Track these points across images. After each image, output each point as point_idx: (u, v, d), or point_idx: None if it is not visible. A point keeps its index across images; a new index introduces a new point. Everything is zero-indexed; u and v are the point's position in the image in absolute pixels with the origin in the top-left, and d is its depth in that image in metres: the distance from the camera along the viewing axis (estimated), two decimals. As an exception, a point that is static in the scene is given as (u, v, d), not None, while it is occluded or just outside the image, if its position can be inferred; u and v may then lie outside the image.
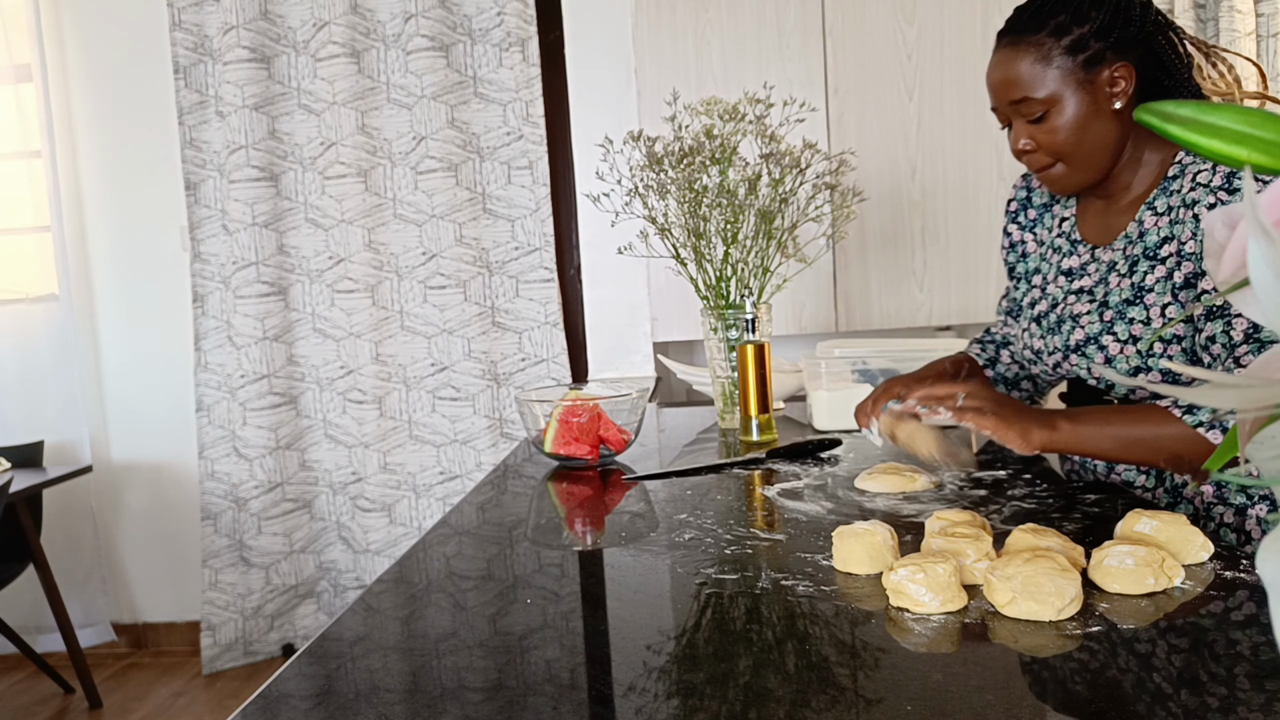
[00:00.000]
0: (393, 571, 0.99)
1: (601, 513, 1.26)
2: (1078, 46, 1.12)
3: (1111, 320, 1.17)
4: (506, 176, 2.91)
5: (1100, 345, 1.18)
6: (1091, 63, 1.12)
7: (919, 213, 2.62)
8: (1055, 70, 1.13)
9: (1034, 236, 1.37)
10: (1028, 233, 1.39)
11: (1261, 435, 0.39)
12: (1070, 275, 1.26)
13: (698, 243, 1.68)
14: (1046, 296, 1.29)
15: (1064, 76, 1.13)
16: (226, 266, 2.95)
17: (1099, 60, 1.12)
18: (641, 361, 2.96)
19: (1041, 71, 1.14)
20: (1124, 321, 1.16)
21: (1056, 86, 1.13)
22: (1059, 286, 1.28)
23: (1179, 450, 1.04)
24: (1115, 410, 1.09)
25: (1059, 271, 1.29)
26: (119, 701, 2.87)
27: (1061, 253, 1.30)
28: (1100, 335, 1.18)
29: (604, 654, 0.77)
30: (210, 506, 3.01)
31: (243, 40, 2.85)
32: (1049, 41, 1.13)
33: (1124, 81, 1.13)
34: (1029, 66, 1.14)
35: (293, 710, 0.69)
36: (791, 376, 2.08)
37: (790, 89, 2.42)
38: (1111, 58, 1.12)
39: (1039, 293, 1.32)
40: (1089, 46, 1.12)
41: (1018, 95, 1.16)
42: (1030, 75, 1.14)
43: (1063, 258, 1.29)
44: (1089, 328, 1.20)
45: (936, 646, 0.72)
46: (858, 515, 1.08)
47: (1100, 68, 1.12)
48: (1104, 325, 1.18)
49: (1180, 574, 0.81)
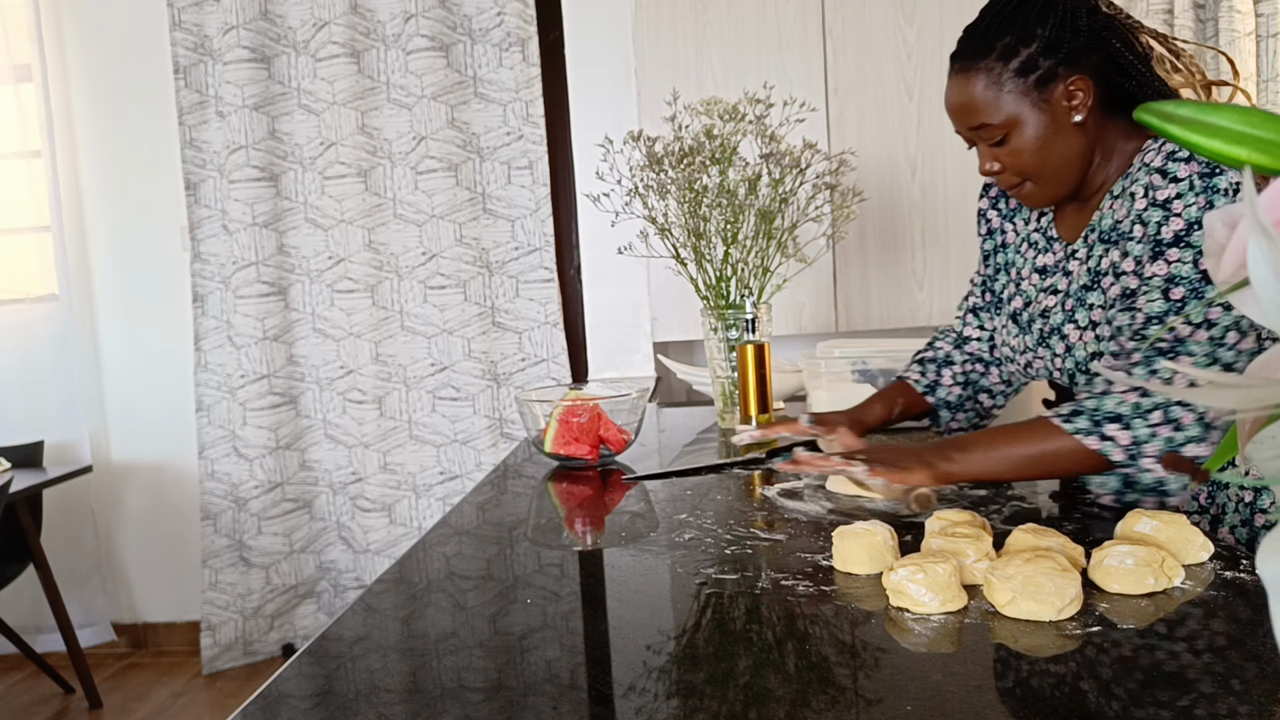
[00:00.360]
0: (393, 571, 0.99)
1: (601, 513, 1.26)
2: (1028, 67, 1.11)
3: (1072, 309, 1.17)
4: (506, 176, 2.91)
5: (1062, 334, 1.18)
6: (1044, 81, 1.11)
7: (919, 213, 2.62)
8: (1008, 94, 1.12)
9: (1013, 226, 1.36)
10: (1008, 221, 1.37)
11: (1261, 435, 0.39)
12: (1044, 273, 1.26)
13: (698, 243, 1.68)
14: (1021, 294, 1.29)
15: (1018, 99, 1.11)
16: (226, 266, 2.95)
17: (1051, 77, 1.11)
18: (641, 361, 2.96)
19: (995, 96, 1.12)
20: (1083, 308, 1.16)
21: (1012, 109, 1.12)
22: (1032, 284, 1.27)
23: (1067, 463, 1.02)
24: (1002, 431, 1.08)
25: (1033, 269, 1.28)
26: (119, 701, 2.87)
27: (1037, 249, 1.29)
28: (1062, 325, 1.18)
29: (604, 654, 0.77)
30: (210, 506, 3.01)
31: (243, 40, 2.85)
32: (998, 65, 1.12)
33: (1081, 93, 1.11)
34: (982, 92, 1.13)
35: (293, 710, 0.69)
36: (791, 376, 2.08)
37: (790, 89, 2.42)
38: (1064, 72, 1.10)
39: (1014, 288, 1.31)
40: (1039, 65, 1.10)
41: (975, 121, 1.15)
42: (984, 101, 1.13)
43: (1038, 254, 1.28)
44: (1054, 319, 1.20)
45: (936, 646, 0.72)
46: (858, 515, 1.08)
47: (1054, 84, 1.11)
48: (1065, 315, 1.18)
49: (1180, 574, 0.81)
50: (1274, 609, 0.34)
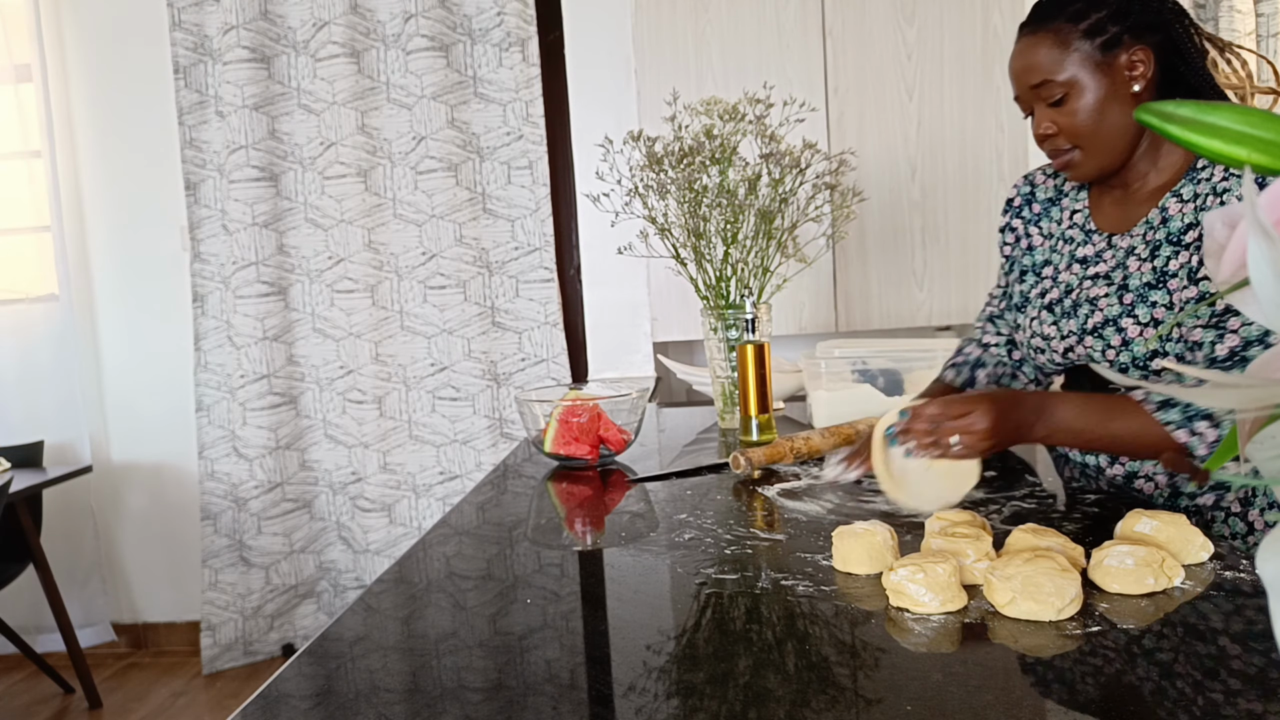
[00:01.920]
0: (393, 571, 0.99)
1: (601, 513, 1.26)
2: (1095, 30, 1.14)
3: (1132, 303, 1.18)
4: (506, 176, 2.91)
5: (1119, 328, 1.18)
6: (1109, 46, 1.14)
7: (919, 212, 2.62)
8: (1074, 54, 1.15)
9: (1040, 230, 1.37)
10: (1033, 226, 1.38)
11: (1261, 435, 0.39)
12: (1085, 263, 1.26)
13: (698, 243, 1.68)
14: (1059, 284, 1.29)
15: (1082, 60, 1.15)
16: (226, 266, 2.95)
17: (1116, 44, 1.14)
18: (641, 361, 2.96)
19: (1060, 55, 1.16)
20: (1145, 305, 1.17)
21: (1075, 70, 1.15)
22: (1073, 274, 1.27)
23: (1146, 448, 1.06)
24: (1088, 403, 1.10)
25: (1072, 259, 1.29)
26: (119, 701, 2.87)
27: (1074, 243, 1.29)
28: (1120, 318, 1.18)
29: (604, 654, 0.77)
30: (210, 506, 3.01)
31: (243, 40, 2.85)
32: (1067, 26, 1.15)
33: (1142, 65, 1.14)
34: (1048, 51, 1.16)
35: (293, 710, 0.69)
36: (791, 376, 2.08)
37: (790, 89, 2.42)
38: (1129, 41, 1.14)
39: (1049, 282, 1.31)
40: (1106, 30, 1.14)
41: (1037, 79, 1.18)
42: (1049, 60, 1.16)
43: (1076, 247, 1.29)
44: (1107, 310, 1.20)
45: (936, 646, 0.72)
46: (858, 515, 1.08)
47: (1118, 51, 1.14)
48: (1124, 308, 1.18)
49: (1180, 574, 0.81)
50: (1274, 609, 0.34)
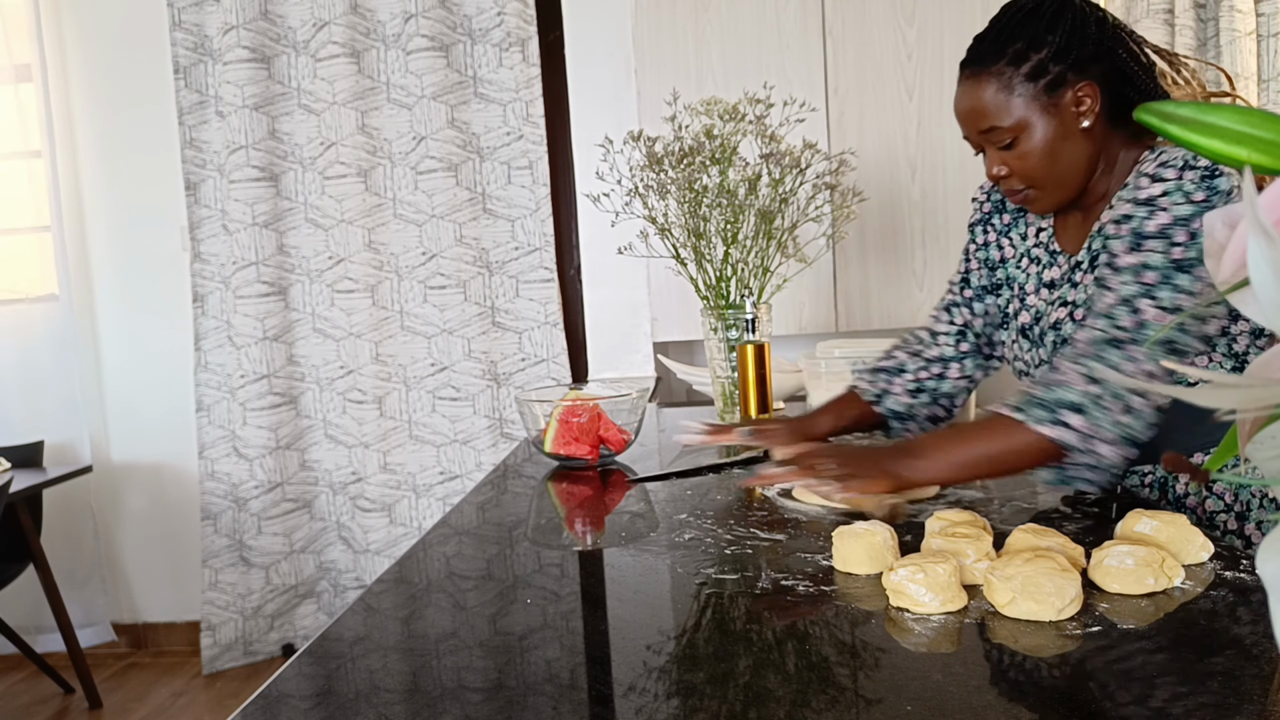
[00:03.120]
0: (393, 571, 0.99)
1: (601, 513, 1.26)
2: (1038, 72, 1.13)
3: (1083, 318, 1.17)
4: (506, 176, 2.91)
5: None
6: (1054, 86, 1.13)
7: (918, 213, 2.62)
8: (1018, 98, 1.14)
9: (1010, 241, 1.36)
10: (1004, 237, 1.37)
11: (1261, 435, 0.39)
12: (1052, 287, 1.27)
13: (698, 243, 1.68)
14: (1028, 309, 1.29)
15: (1028, 103, 1.14)
16: (226, 266, 2.95)
17: (1061, 83, 1.13)
18: (641, 361, 2.96)
19: (1005, 100, 1.15)
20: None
21: (1022, 113, 1.14)
22: (1041, 298, 1.28)
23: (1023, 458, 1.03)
24: (956, 433, 1.09)
25: (1040, 284, 1.29)
26: (119, 701, 2.87)
27: (1041, 264, 1.29)
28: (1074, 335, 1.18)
29: (604, 654, 0.77)
30: (210, 506, 3.01)
31: (243, 40, 2.85)
32: (1009, 70, 1.14)
33: (1089, 100, 1.13)
34: (993, 96, 1.15)
35: (293, 710, 0.69)
36: (791, 376, 2.08)
37: (790, 89, 2.42)
38: (1073, 78, 1.13)
39: (1019, 304, 1.31)
40: (1049, 70, 1.13)
41: (985, 125, 1.17)
42: (995, 105, 1.15)
43: (1043, 269, 1.29)
44: (1065, 330, 1.20)
45: (936, 646, 0.72)
46: (857, 515, 1.08)
47: (1063, 90, 1.13)
48: (1075, 324, 1.19)
49: (1180, 574, 0.81)
50: (1274, 609, 0.34)
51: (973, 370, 1.40)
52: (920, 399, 1.38)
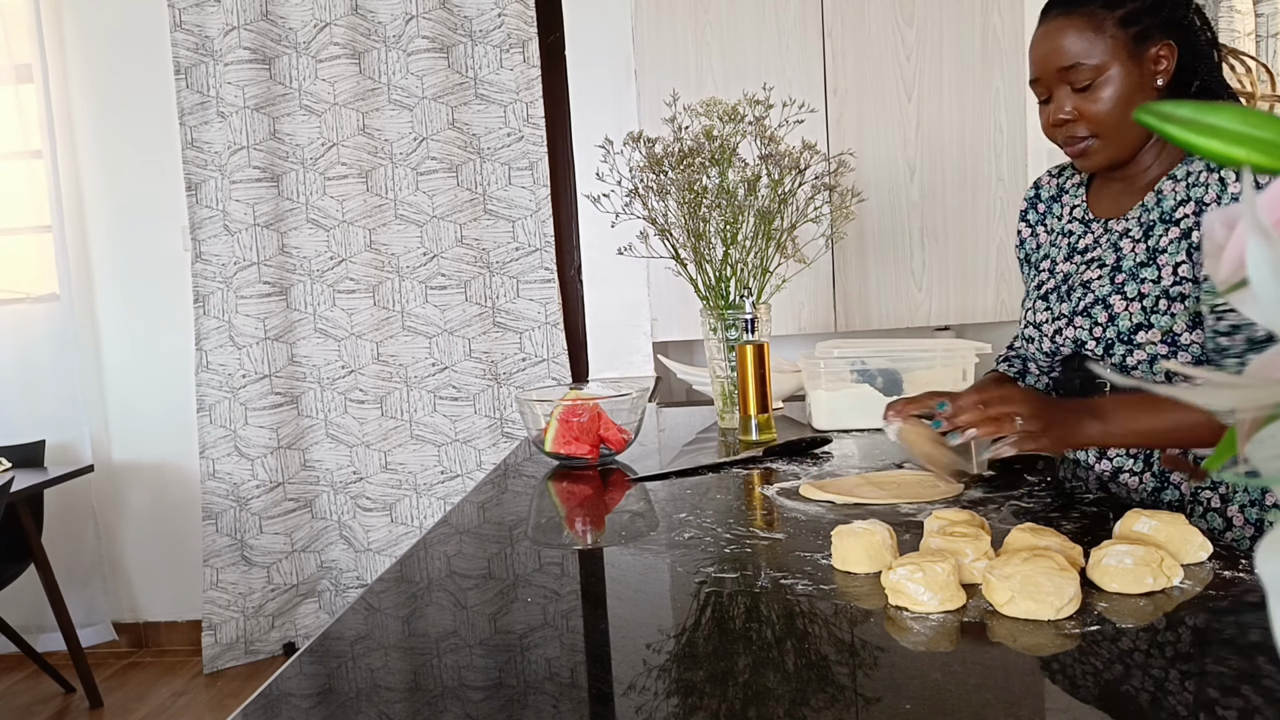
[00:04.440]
0: (394, 570, 0.99)
1: (601, 512, 1.26)
2: (1130, 19, 1.15)
3: (1123, 282, 1.19)
4: (507, 177, 2.92)
5: (1107, 305, 1.20)
6: (1142, 38, 1.15)
7: (918, 213, 2.63)
8: (1108, 40, 1.16)
9: (1045, 227, 1.40)
10: (1039, 226, 1.42)
11: (1261, 435, 0.39)
12: (1084, 252, 1.28)
13: (697, 243, 1.68)
14: (1055, 274, 1.31)
15: (1116, 47, 1.15)
16: (228, 267, 2.96)
17: (1148, 36, 1.15)
18: (641, 361, 2.96)
19: (1094, 40, 1.16)
20: (1135, 281, 1.18)
21: (1108, 56, 1.16)
22: (1071, 264, 1.30)
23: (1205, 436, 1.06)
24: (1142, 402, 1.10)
25: (1072, 251, 1.31)
26: (120, 701, 2.87)
27: (1073, 235, 1.32)
28: (1109, 296, 1.20)
29: (604, 653, 0.77)
30: (211, 506, 3.01)
31: (244, 41, 2.85)
32: (1103, 12, 1.16)
33: (1167, 61, 1.16)
34: (1081, 35, 1.17)
35: (294, 709, 0.69)
36: (791, 376, 2.08)
37: (790, 90, 2.43)
38: (1159, 35, 1.15)
39: (1048, 274, 1.34)
40: (1140, 21, 1.15)
41: (1068, 62, 1.17)
42: (1082, 44, 1.16)
43: (1075, 239, 1.31)
44: (1098, 290, 1.22)
45: (935, 645, 0.73)
46: (856, 514, 1.08)
47: (1149, 44, 1.15)
48: (1114, 287, 1.20)
49: (1179, 573, 0.81)
50: (1273, 609, 0.34)
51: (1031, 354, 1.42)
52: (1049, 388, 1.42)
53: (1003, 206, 2.61)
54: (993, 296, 2.64)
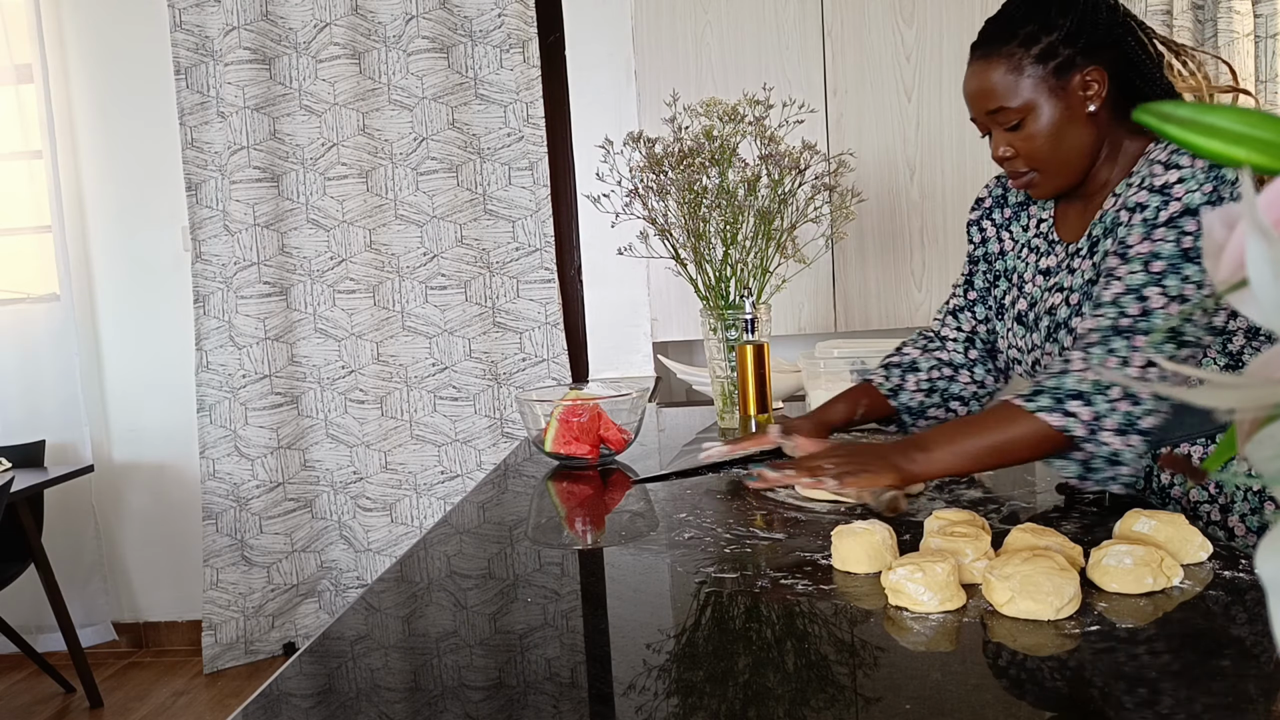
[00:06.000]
0: (394, 570, 0.99)
1: (601, 512, 1.26)
2: (1048, 54, 1.14)
3: (1078, 303, 1.19)
4: (507, 177, 2.92)
5: (1069, 328, 1.19)
6: (1063, 69, 1.14)
7: (917, 213, 2.63)
8: (1028, 79, 1.15)
9: (1010, 235, 1.37)
10: (1004, 231, 1.38)
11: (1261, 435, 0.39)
12: (1048, 274, 1.27)
13: (697, 243, 1.68)
14: (1025, 296, 1.30)
15: (1036, 84, 1.15)
16: (228, 267, 2.96)
17: (1070, 66, 1.14)
18: (641, 361, 2.96)
19: (1014, 81, 1.16)
20: (1089, 301, 1.17)
21: (1030, 95, 1.15)
22: (1037, 286, 1.29)
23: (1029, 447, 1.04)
24: (962, 424, 1.09)
25: (1037, 271, 1.30)
26: (120, 701, 2.87)
27: (1039, 253, 1.30)
28: (1069, 319, 1.19)
29: (604, 653, 0.77)
30: (211, 506, 3.01)
31: (244, 41, 2.85)
32: (1019, 51, 1.15)
33: (1096, 85, 1.15)
34: (1002, 76, 1.16)
35: (294, 709, 0.69)
36: (791, 376, 2.08)
37: (790, 90, 2.43)
38: (1082, 62, 1.14)
39: (1016, 292, 1.32)
40: (1059, 53, 1.14)
41: (993, 105, 1.18)
42: (1004, 85, 1.16)
43: (1040, 258, 1.30)
44: (1059, 314, 1.21)
45: (935, 645, 0.73)
46: (859, 513, 1.08)
47: (1071, 73, 1.14)
48: (1072, 309, 1.20)
49: (1179, 573, 0.81)
50: (1273, 609, 0.34)
51: (983, 377, 1.40)
52: (933, 398, 1.39)
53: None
54: (993, 296, 2.64)
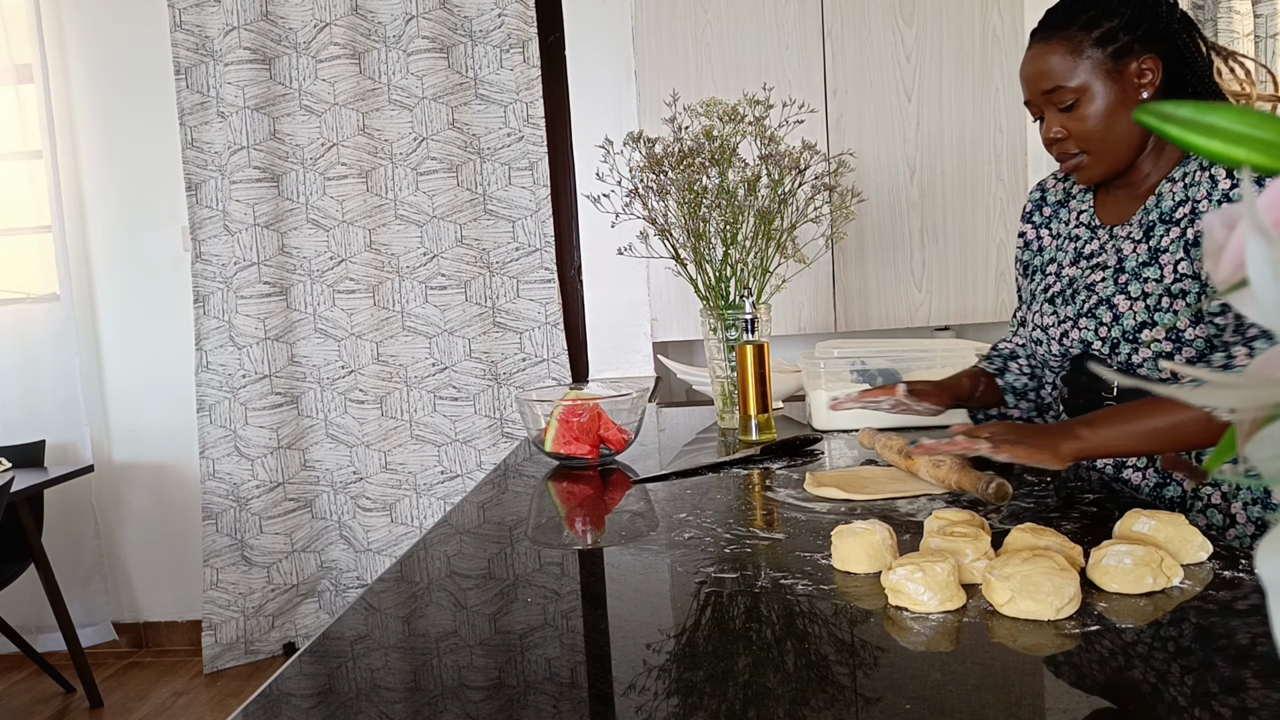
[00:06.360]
0: (394, 570, 0.99)
1: (601, 512, 1.26)
2: (1107, 39, 1.18)
3: (1126, 282, 1.21)
4: (507, 177, 2.92)
5: (1111, 305, 1.22)
6: (1120, 54, 1.18)
7: (917, 213, 2.63)
8: (1086, 61, 1.19)
9: (1049, 231, 1.41)
10: (1043, 229, 1.42)
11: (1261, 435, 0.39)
12: (1089, 257, 1.30)
13: (697, 243, 1.68)
14: (1062, 278, 1.33)
15: (1094, 67, 1.19)
16: (228, 267, 2.96)
17: (1127, 52, 1.18)
18: (641, 361, 2.96)
19: (1073, 62, 1.19)
20: (1138, 281, 1.20)
21: (1087, 76, 1.19)
22: (1077, 269, 1.31)
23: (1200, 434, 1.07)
24: (1129, 408, 1.12)
25: (1078, 255, 1.32)
26: (120, 701, 2.87)
27: (1080, 240, 1.34)
28: (1113, 296, 1.22)
29: (604, 653, 0.77)
30: (211, 506, 3.01)
31: (244, 41, 2.85)
32: (1080, 35, 1.19)
33: (1151, 73, 1.18)
34: (1061, 58, 1.20)
35: (294, 709, 0.69)
36: (791, 376, 2.08)
37: (790, 90, 2.43)
38: (1139, 50, 1.18)
39: (1054, 278, 1.35)
40: (1118, 39, 1.18)
41: (1050, 85, 1.21)
42: (1062, 66, 1.20)
43: (1082, 244, 1.33)
44: (1102, 291, 1.24)
45: (935, 645, 0.73)
46: (856, 514, 1.08)
47: (1128, 59, 1.18)
48: (1118, 287, 1.22)
49: (1179, 573, 0.81)
50: (1273, 609, 0.34)
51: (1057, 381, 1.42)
52: (1034, 382, 1.44)
53: (1002, 207, 2.61)
54: (993, 296, 2.64)
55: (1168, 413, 1.07)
